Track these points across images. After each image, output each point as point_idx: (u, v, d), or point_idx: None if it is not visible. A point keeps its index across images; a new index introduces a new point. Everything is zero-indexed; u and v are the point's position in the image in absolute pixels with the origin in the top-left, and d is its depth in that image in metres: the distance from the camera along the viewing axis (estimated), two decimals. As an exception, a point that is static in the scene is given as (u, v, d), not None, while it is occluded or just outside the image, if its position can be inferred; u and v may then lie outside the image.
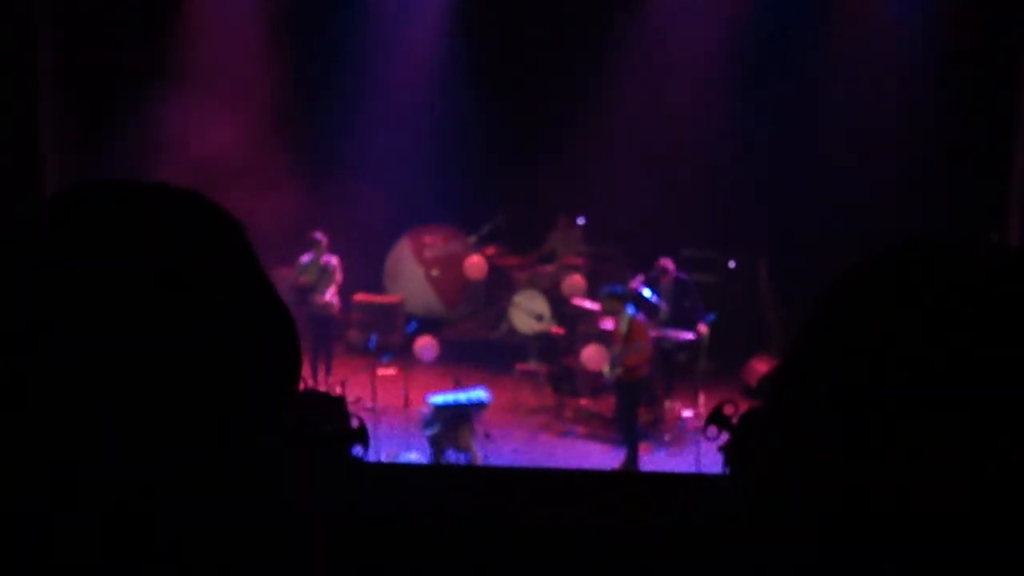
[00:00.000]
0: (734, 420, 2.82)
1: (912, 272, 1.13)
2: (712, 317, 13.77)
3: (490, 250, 16.20)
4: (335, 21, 15.67)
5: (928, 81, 14.13)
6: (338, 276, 14.51)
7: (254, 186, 14.40)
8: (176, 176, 10.67)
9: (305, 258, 14.51)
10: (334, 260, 14.49)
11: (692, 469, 11.07)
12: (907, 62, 14.22)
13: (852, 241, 12.42)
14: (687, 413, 13.43)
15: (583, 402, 13.90)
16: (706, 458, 10.51)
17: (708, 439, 3.02)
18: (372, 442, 11.26)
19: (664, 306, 13.66)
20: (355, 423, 3.80)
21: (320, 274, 14.42)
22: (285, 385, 1.17)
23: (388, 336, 14.27)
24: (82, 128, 14.79)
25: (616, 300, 12.63)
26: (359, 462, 3.75)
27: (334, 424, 3.70)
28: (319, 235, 14.46)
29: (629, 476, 10.44)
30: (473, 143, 15.48)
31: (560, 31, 15.46)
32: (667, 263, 13.92)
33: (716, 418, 3.02)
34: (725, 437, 2.86)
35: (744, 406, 2.93)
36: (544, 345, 14.88)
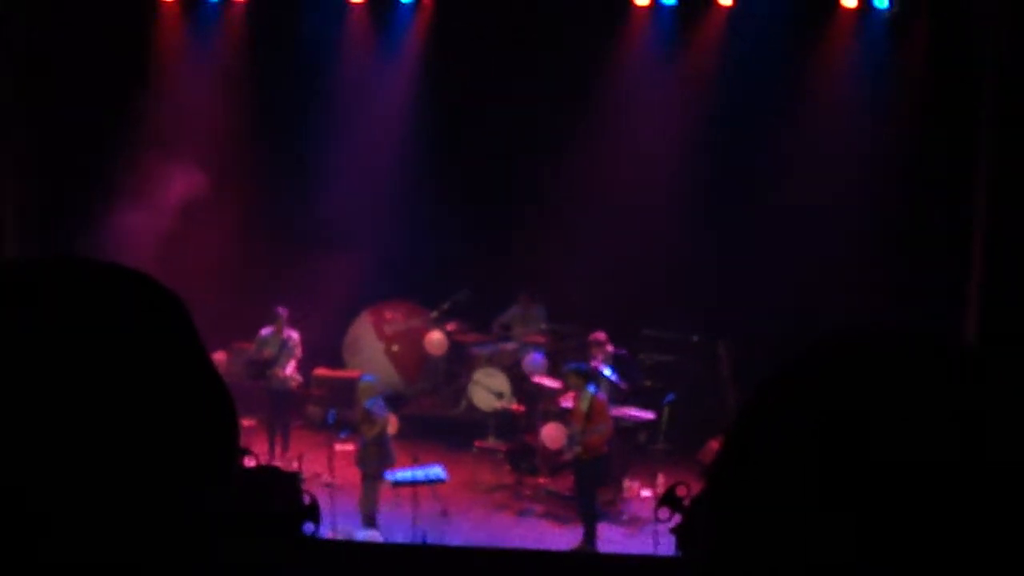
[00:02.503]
0: (686, 502, 2.82)
1: (842, 366, 1.15)
2: (671, 397, 13.79)
3: (451, 326, 16.20)
4: (299, 95, 15.77)
5: (893, 163, 14.33)
6: (298, 351, 14.47)
7: (215, 258, 14.43)
8: (137, 248, 10.73)
9: (265, 332, 14.45)
10: (295, 335, 14.45)
11: (649, 549, 11.02)
12: (873, 144, 14.41)
13: (813, 324, 12.53)
14: (645, 493, 13.40)
15: (542, 480, 13.83)
16: (664, 538, 10.46)
17: (660, 521, 3.01)
18: (328, 518, 11.19)
19: (622, 384, 13.68)
20: (307, 500, 3.76)
21: (280, 348, 14.36)
22: (221, 461, 1.17)
23: (347, 411, 14.17)
24: (44, 197, 14.79)
25: (579, 377, 12.63)
26: (310, 540, 3.71)
27: (285, 501, 3.66)
28: (280, 309, 14.42)
29: (585, 557, 10.38)
30: (436, 219, 15.53)
31: (525, 109, 15.57)
32: (600, 335, 13.95)
33: (668, 499, 3.01)
34: (677, 518, 2.86)
35: (698, 488, 2.91)
36: (503, 422, 14.85)
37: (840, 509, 1.08)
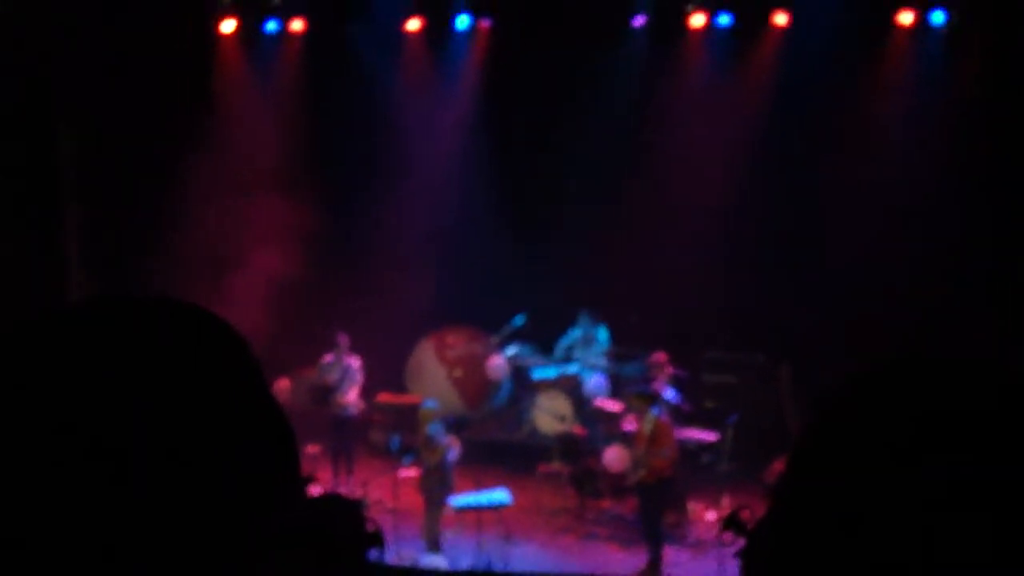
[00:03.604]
0: (751, 525, 2.77)
1: (898, 394, 1.16)
2: (734, 418, 13.70)
3: (512, 350, 16.21)
4: (357, 124, 15.90)
5: (952, 181, 14.12)
6: (360, 377, 14.53)
7: (277, 287, 14.55)
8: (199, 276, 10.85)
9: (327, 359, 14.53)
10: (356, 361, 14.52)
11: (715, 573, 10.94)
12: (931, 162, 14.22)
13: (874, 345, 12.40)
14: (710, 515, 13.31)
15: (605, 504, 13.78)
16: (729, 562, 10.38)
17: (724, 544, 2.98)
18: (392, 544, 11.17)
19: (684, 405, 13.60)
20: (371, 527, 3.76)
21: (342, 375, 14.43)
22: (280, 490, 1.19)
23: (410, 437, 14.21)
24: (108, 231, 15.02)
25: (641, 400, 12.56)
26: (374, 567, 3.71)
27: (349, 528, 3.66)
28: (341, 336, 14.49)
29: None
30: (496, 244, 15.55)
31: (582, 132, 15.61)
32: (661, 356, 13.86)
33: (732, 523, 2.98)
34: (742, 542, 2.81)
35: (763, 510, 2.86)
36: (566, 446, 14.79)
37: (914, 525, 1.08)
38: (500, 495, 11.84)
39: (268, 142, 15.58)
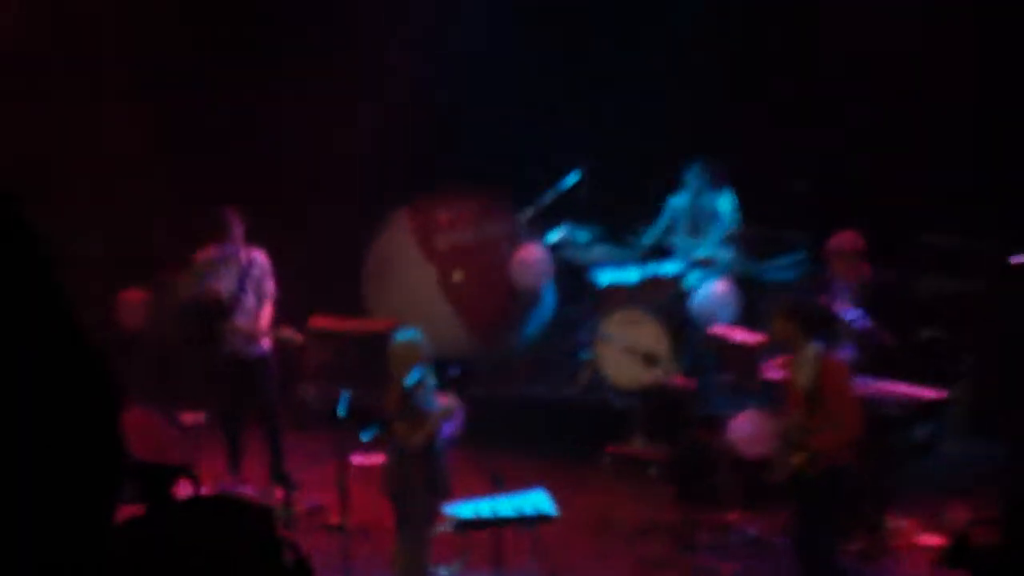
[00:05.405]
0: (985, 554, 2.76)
1: None
2: (971, 361, 13.77)
3: (558, 235, 16.19)
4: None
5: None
6: (269, 283, 14.30)
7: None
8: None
9: (211, 253, 14.25)
10: (260, 256, 14.27)
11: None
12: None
13: None
14: (927, 538, 13.40)
15: (732, 517, 13.89)
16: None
17: (945, 588, 3.03)
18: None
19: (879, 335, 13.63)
20: (290, 556, 3.78)
21: (238, 282, 14.21)
22: (89, 484, 1.21)
23: (372, 394, 14.00)
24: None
25: (795, 323, 12.51)
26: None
27: (251, 560, 3.68)
28: (232, 217, 14.21)
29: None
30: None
31: None
32: (848, 238, 13.87)
33: (957, 554, 3.02)
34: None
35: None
36: (658, 410, 14.89)
37: None
38: (536, 500, 11.92)
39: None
